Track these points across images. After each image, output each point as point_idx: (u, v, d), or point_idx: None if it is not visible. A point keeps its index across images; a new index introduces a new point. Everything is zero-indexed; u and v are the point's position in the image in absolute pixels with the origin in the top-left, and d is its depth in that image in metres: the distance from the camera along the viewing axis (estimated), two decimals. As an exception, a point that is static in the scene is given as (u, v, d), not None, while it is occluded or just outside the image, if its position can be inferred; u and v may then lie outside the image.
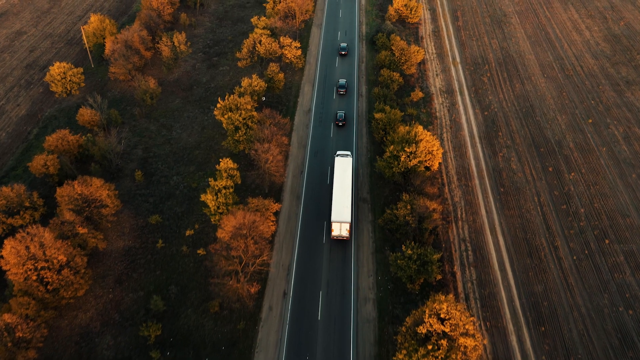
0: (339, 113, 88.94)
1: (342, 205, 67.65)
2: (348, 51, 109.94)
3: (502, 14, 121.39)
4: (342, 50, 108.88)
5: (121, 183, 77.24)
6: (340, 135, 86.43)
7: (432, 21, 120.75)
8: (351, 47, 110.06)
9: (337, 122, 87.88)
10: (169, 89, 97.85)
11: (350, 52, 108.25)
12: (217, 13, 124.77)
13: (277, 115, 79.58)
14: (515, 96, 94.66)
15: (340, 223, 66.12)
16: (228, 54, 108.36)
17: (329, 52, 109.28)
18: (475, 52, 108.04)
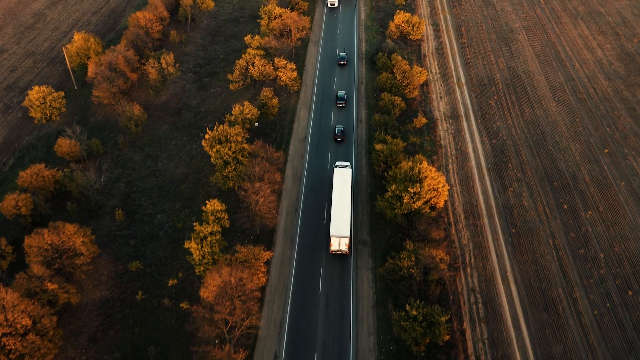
0: (337, 128, 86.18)
1: (341, 219, 65.75)
2: (347, 61, 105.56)
3: (508, 29, 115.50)
4: (341, 60, 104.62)
5: (100, 222, 71.26)
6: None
7: (435, 37, 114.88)
8: (350, 66, 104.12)
9: (336, 137, 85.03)
10: (156, 114, 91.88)
11: (350, 72, 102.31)
12: (209, 28, 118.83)
13: (269, 149, 73.61)
14: (525, 122, 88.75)
15: (340, 238, 64.31)
16: (220, 74, 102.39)
17: (326, 71, 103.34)
18: (481, 72, 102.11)
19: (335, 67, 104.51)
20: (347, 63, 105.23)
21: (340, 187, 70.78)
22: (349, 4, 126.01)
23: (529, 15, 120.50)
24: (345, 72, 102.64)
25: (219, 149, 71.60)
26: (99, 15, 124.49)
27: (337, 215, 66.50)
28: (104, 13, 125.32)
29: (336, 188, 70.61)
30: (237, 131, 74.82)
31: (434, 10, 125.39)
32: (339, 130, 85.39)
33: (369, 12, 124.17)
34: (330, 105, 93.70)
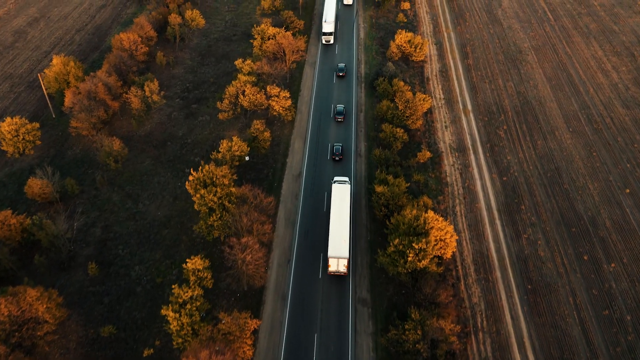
0: (336, 146, 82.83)
1: (339, 239, 63.76)
2: (346, 72, 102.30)
3: (517, 50, 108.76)
4: (340, 72, 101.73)
5: (72, 276, 64.41)
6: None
7: (439, 58, 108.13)
8: (349, 91, 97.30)
9: (334, 156, 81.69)
10: (138, 146, 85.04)
11: (348, 97, 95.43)
12: (199, 48, 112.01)
13: (259, 193, 66.73)
14: (538, 156, 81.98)
15: (338, 259, 62.16)
16: (209, 100, 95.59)
17: (323, 96, 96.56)
18: (488, 98, 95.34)
19: (333, 91, 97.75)
20: (346, 78, 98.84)
21: (339, 204, 68.45)
22: (345, 39, 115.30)
23: (538, 34, 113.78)
24: (344, 97, 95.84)
25: (203, 194, 64.80)
26: (83, 33, 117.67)
27: (335, 234, 64.31)
28: (89, 31, 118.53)
29: (334, 206, 68.25)
30: (224, 172, 68.03)
31: (437, 27, 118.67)
32: (337, 149, 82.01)
33: (368, 29, 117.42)
34: (326, 136, 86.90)
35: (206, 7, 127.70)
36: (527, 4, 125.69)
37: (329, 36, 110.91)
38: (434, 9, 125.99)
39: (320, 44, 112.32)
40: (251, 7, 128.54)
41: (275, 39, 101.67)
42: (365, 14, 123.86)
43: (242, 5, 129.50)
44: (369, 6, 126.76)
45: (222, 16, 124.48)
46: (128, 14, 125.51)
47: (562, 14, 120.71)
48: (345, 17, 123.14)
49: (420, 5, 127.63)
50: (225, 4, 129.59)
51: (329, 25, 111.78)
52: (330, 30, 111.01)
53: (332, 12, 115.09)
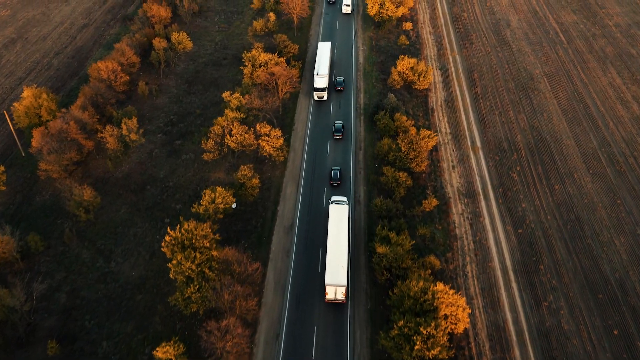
0: (334, 170, 78.07)
1: (337, 265, 60.61)
2: (345, 86, 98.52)
3: (528, 76, 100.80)
4: (339, 86, 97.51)
5: (29, 355, 56.34)
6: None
7: (445, 85, 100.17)
8: (347, 124, 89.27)
9: (332, 181, 77.07)
10: (114, 191, 77.01)
11: (346, 134, 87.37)
12: (186, 74, 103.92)
13: (244, 260, 58.67)
14: (556, 203, 74.03)
15: (336, 286, 59.01)
16: (195, 135, 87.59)
17: (319, 130, 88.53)
18: (499, 133, 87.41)
19: (330, 123, 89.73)
20: (344, 110, 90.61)
21: (336, 226, 65.45)
22: (343, 65, 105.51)
23: (550, 59, 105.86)
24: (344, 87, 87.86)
25: (180, 261, 56.80)
26: (62, 56, 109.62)
27: (332, 259, 61.28)
28: (68, 53, 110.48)
29: (332, 228, 65.24)
30: (206, 232, 60.08)
31: (442, 50, 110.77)
32: (335, 173, 77.41)
33: (368, 53, 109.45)
34: (323, 179, 78.84)
35: (195, 27, 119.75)
36: (538, 24, 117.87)
37: (322, 92, 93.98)
38: (438, 30, 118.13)
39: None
40: (243, 26, 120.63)
41: (267, 66, 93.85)
42: (364, 34, 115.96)
43: (233, 24, 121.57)
44: (368, 26, 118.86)
45: (211, 37, 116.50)
46: (111, 34, 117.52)
47: (575, 36, 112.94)
48: (344, 34, 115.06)
49: (423, 25, 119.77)
50: (216, 24, 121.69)
51: (322, 79, 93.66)
52: (323, 86, 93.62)
53: (325, 63, 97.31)
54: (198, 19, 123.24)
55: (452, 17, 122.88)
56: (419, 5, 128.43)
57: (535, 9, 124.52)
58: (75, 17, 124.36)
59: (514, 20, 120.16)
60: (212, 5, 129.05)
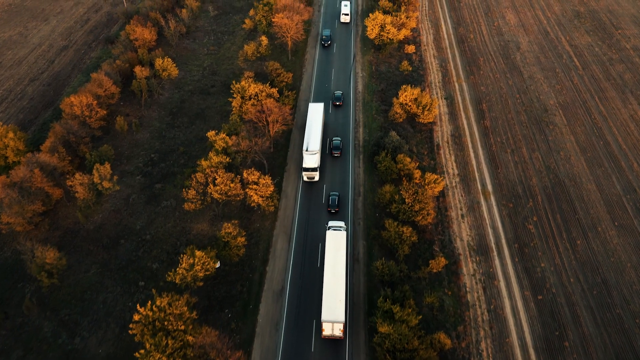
0: (332, 196, 73.04)
1: (334, 300, 56.88)
2: (343, 101, 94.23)
3: (541, 108, 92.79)
4: (337, 101, 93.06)
5: None
6: (326, 350, 57.31)
7: (451, 117, 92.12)
8: (344, 166, 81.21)
9: (330, 208, 72.63)
10: (84, 247, 68.89)
11: (344, 177, 79.25)
12: (170, 104, 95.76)
13: (223, 349, 50.45)
14: (579, 262, 65.99)
15: (333, 323, 55.47)
16: (177, 177, 79.54)
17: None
18: (512, 174, 79.38)
19: (326, 168, 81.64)
20: (342, 149, 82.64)
21: (333, 255, 61.48)
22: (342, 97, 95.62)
23: (564, 86, 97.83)
24: (338, 177, 79.67)
25: (150, 351, 48.66)
26: (38, 83, 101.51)
27: (329, 293, 57.48)
28: (44, 80, 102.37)
29: (328, 258, 61.22)
30: (181, 310, 52.04)
31: (447, 77, 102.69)
32: (333, 199, 72.65)
33: (367, 79, 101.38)
34: (318, 232, 70.74)
35: (182, 50, 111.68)
36: (549, 47, 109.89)
37: (313, 172, 75.23)
38: (442, 53, 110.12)
39: (311, 100, 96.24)
40: (234, 48, 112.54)
41: (258, 98, 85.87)
42: (363, 58, 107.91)
43: (223, 46, 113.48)
44: (368, 49, 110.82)
45: (199, 61, 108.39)
46: (92, 58, 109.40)
47: (590, 60, 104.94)
48: (341, 58, 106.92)
49: (427, 48, 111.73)
50: (205, 46, 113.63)
51: (312, 157, 74.52)
52: (314, 165, 74.52)
53: (317, 134, 78.02)
54: (186, 40, 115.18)
55: (457, 38, 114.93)
56: (421, 24, 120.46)
57: (546, 29, 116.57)
58: (54, 38, 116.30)
59: (524, 42, 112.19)
60: (201, 25, 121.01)
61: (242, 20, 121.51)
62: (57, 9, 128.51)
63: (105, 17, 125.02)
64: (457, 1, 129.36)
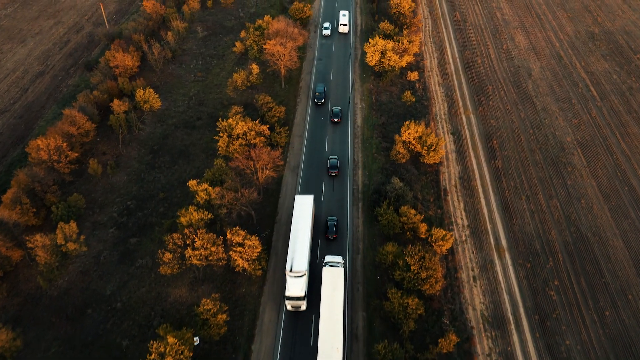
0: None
1: (331, 347, 52.48)
2: (342, 118, 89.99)
3: (558, 146, 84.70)
4: (335, 118, 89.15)
5: None
6: None
7: (459, 156, 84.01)
8: (341, 218, 73.04)
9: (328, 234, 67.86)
10: (45, 318, 60.60)
11: (341, 233, 70.98)
12: (151, 140, 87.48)
13: None
14: (608, 338, 57.83)
15: None
16: (154, 229, 71.37)
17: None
18: (528, 226, 71.27)
19: (320, 216, 73.48)
20: (338, 193, 74.33)
21: (330, 296, 56.79)
22: (338, 129, 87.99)
23: (582, 121, 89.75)
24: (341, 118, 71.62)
25: None
26: (8, 115, 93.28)
27: (325, 340, 52.89)
28: (16, 112, 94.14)
29: (325, 299, 56.58)
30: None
31: (454, 108, 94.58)
32: (331, 225, 68.46)
33: (367, 112, 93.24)
34: (311, 297, 62.50)
35: (167, 76, 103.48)
36: (564, 74, 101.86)
37: (299, 301, 58.75)
38: (448, 79, 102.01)
39: (306, 135, 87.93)
40: (223, 74, 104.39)
41: (247, 137, 77.89)
42: (362, 87, 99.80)
43: (212, 72, 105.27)
44: (367, 76, 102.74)
45: (186, 89, 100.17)
46: (69, 86, 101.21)
47: (608, 90, 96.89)
48: (339, 86, 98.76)
49: (431, 74, 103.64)
50: (192, 71, 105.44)
51: (297, 282, 58.18)
52: (299, 294, 58.01)
53: (304, 247, 61.56)
54: (171, 65, 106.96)
55: (463, 63, 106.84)
56: (425, 47, 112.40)
57: (559, 53, 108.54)
58: (30, 62, 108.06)
59: (536, 68, 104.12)
60: (189, 48, 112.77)
61: (233, 42, 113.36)
62: (36, 29, 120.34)
63: (87, 39, 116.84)
64: (462, 21, 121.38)
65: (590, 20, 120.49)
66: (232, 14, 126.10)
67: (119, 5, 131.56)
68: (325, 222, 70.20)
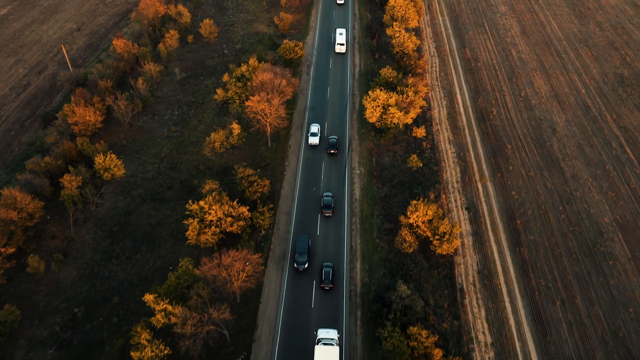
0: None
1: None
2: (338, 149, 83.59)
3: (594, 229, 71.08)
4: (332, 148, 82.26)
5: None
6: None
7: (476, 242, 70.42)
8: (336, 329, 59.29)
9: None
10: None
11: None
12: (111, 219, 73.68)
13: None
14: None
15: None
16: (105, 349, 57.57)
17: (297, 339, 58.52)
18: (567, 349, 57.62)
19: (310, 320, 59.76)
20: (333, 293, 60.61)
21: None
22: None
23: (620, 194, 76.22)
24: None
25: None
26: (-53, 184, 79.49)
27: None
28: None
29: None
30: None
31: (468, 174, 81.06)
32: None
33: (366, 180, 79.67)
34: None
35: (137, 131, 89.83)
36: (593, 130, 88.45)
37: None
38: (459, 136, 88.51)
39: (291, 232, 73.77)
40: (202, 128, 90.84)
41: (222, 224, 64.43)
42: (361, 145, 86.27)
43: (189, 125, 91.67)
44: (367, 131, 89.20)
45: (157, 147, 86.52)
46: (22, 143, 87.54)
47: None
48: (334, 127, 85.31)
49: (440, 128, 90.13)
50: (165, 124, 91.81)
51: None
52: None
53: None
54: (143, 117, 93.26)
55: (477, 113, 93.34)
56: (432, 92, 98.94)
57: (585, 102, 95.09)
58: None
59: (561, 121, 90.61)
60: (164, 94, 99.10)
61: (215, 86, 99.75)
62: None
63: (49, 82, 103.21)
64: (474, 60, 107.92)
65: (618, 59, 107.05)
66: (215, 51, 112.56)
67: (89, 40, 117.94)
68: (320, 268, 64.90)
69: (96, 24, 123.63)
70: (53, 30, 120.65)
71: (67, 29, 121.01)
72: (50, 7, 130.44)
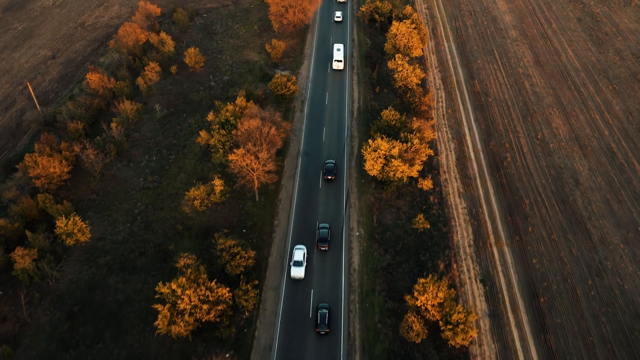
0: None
1: None
2: (336, 174, 77.90)
3: (631, 311, 61.29)
4: (329, 174, 77.88)
5: None
6: None
7: (494, 325, 60.75)
8: None
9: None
10: None
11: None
12: (71, 295, 63.86)
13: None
14: None
15: None
16: None
17: None
18: None
19: None
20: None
21: None
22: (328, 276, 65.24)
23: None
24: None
25: None
26: None
27: None
28: None
29: None
30: None
31: (481, 236, 71.39)
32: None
33: (366, 244, 69.98)
34: None
35: (109, 182, 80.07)
36: (621, 182, 78.89)
37: None
38: (470, 187, 78.91)
39: (279, 314, 64.31)
40: (182, 177, 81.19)
41: (198, 312, 54.75)
42: (360, 201, 76.61)
43: (167, 173, 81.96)
44: (367, 182, 79.58)
45: (131, 202, 76.79)
46: (-21, 197, 77.72)
47: (683, 209, 73.69)
48: (330, 202, 75.64)
49: (449, 178, 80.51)
50: (142, 172, 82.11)
51: None
52: None
53: None
54: (117, 164, 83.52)
55: (489, 159, 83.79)
56: (439, 133, 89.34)
57: (609, 146, 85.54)
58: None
59: (584, 169, 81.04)
60: (142, 135, 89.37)
61: (198, 126, 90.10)
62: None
63: (15, 120, 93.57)
64: (484, 94, 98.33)
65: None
66: (200, 83, 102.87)
67: (64, 69, 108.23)
68: (315, 311, 59.36)
69: (73, 51, 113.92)
70: (25, 58, 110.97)
71: (41, 57, 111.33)
72: (25, 31, 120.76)
